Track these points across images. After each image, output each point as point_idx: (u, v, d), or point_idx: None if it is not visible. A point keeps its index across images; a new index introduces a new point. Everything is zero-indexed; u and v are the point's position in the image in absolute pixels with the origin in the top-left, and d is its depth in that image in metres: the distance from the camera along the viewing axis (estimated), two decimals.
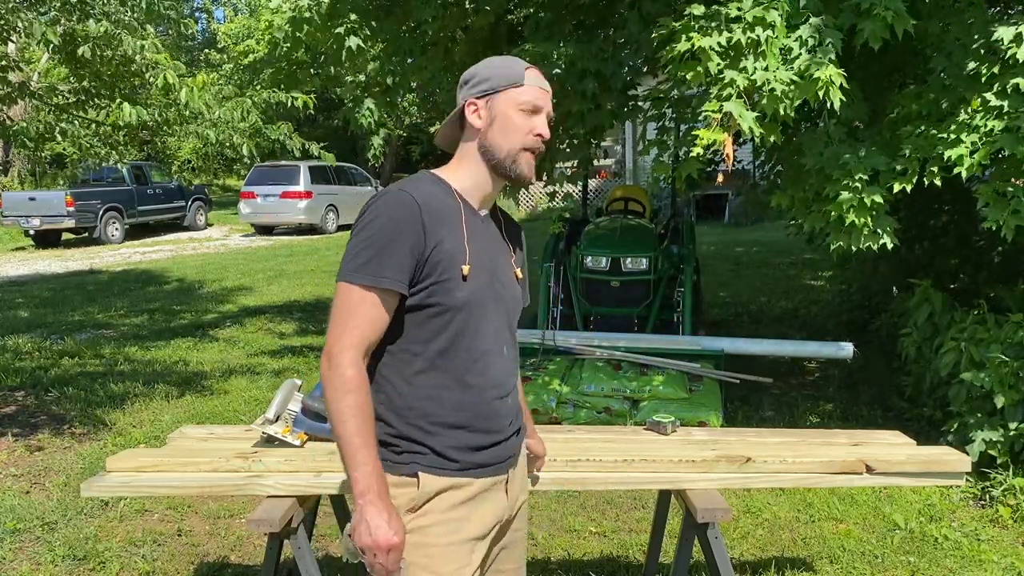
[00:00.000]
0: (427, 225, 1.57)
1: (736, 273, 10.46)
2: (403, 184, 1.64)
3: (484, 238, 1.68)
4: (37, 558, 3.37)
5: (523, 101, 1.63)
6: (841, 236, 3.62)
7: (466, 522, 1.64)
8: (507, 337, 1.72)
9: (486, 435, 1.66)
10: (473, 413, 1.64)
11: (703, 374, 4.91)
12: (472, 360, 1.63)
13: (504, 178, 1.68)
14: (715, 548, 2.37)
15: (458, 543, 1.62)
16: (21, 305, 9.31)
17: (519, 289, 1.78)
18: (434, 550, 1.61)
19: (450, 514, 1.62)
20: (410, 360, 1.62)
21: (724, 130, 3.29)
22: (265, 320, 8.39)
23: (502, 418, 1.69)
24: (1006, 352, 3.81)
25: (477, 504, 1.66)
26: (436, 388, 1.62)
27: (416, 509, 1.61)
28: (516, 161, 1.64)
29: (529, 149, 1.64)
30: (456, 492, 1.63)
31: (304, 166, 17.48)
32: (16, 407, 5.38)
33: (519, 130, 1.63)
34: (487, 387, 1.65)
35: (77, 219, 15.81)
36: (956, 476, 2.52)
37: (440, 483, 1.62)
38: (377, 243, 1.55)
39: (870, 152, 3.59)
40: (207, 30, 30.38)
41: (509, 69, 1.66)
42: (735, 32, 3.27)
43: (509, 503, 1.74)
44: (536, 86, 1.65)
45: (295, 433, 2.50)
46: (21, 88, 5.24)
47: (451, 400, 1.62)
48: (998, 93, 3.32)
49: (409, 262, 1.56)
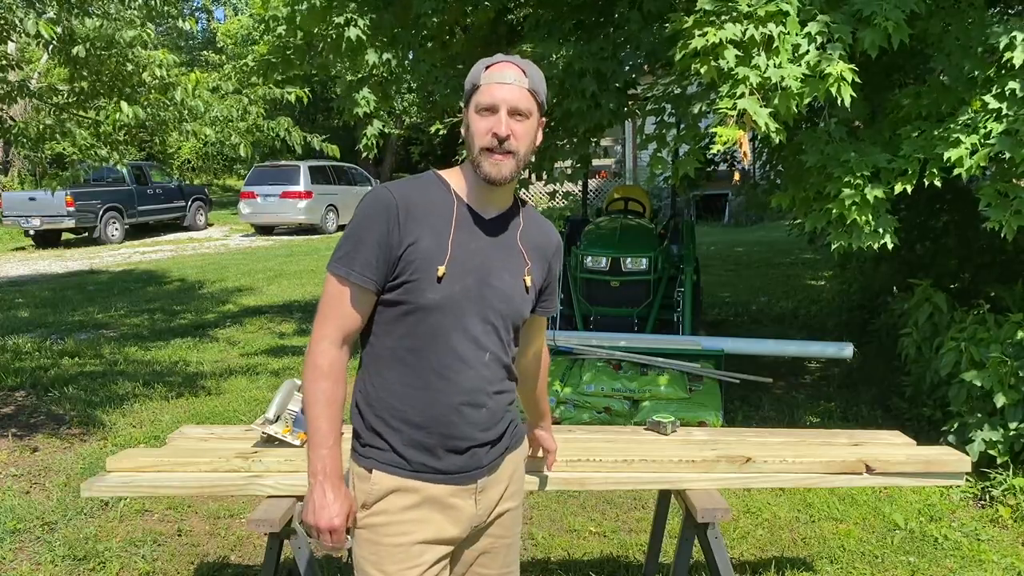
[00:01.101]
0: (402, 222, 1.59)
1: (736, 273, 10.46)
2: (394, 182, 1.68)
3: (482, 240, 1.66)
4: (37, 558, 3.36)
5: (479, 103, 1.61)
6: (842, 235, 3.62)
7: (420, 524, 1.64)
8: (494, 344, 1.67)
9: (445, 439, 1.64)
10: (434, 416, 1.63)
11: (703, 374, 4.91)
12: (442, 363, 1.62)
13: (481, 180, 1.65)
14: (715, 548, 2.37)
15: (407, 544, 1.63)
16: (21, 305, 9.31)
17: (522, 297, 1.72)
18: (382, 549, 1.63)
19: (403, 516, 1.64)
20: (384, 354, 1.66)
21: (740, 128, 3.27)
22: (265, 320, 8.39)
23: (469, 426, 1.65)
24: (1006, 352, 3.81)
25: (438, 508, 1.65)
26: (403, 385, 1.64)
27: (368, 506, 1.65)
28: (479, 164, 1.62)
29: (488, 149, 1.60)
30: (408, 495, 1.64)
31: (304, 166, 17.48)
32: (16, 407, 5.38)
33: (478, 132, 1.61)
34: (453, 392, 1.63)
35: (77, 219, 15.82)
36: (956, 476, 2.52)
37: (391, 482, 1.64)
38: (354, 237, 1.62)
39: (871, 150, 3.58)
40: (207, 30, 30.38)
41: (473, 72, 1.65)
42: (748, 28, 3.26)
43: (479, 512, 1.71)
44: (493, 83, 1.60)
45: (295, 433, 2.50)
46: (21, 88, 5.24)
47: (415, 399, 1.63)
48: (997, 96, 3.32)
49: (379, 257, 1.59)
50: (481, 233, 1.67)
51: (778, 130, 3.30)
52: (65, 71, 5.68)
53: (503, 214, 1.72)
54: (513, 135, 1.60)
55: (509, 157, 1.61)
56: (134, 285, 10.82)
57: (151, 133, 5.53)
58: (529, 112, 1.63)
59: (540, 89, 1.65)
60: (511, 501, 1.79)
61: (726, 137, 3.25)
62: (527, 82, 1.62)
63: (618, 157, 19.73)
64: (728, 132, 3.25)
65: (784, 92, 3.23)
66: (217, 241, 17.12)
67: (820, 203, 3.71)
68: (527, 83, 1.62)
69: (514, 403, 1.81)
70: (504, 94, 1.60)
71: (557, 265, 1.84)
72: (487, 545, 1.77)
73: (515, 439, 1.80)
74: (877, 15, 3.24)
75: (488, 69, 1.62)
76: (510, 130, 1.60)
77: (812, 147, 3.69)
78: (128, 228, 17.16)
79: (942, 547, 3.39)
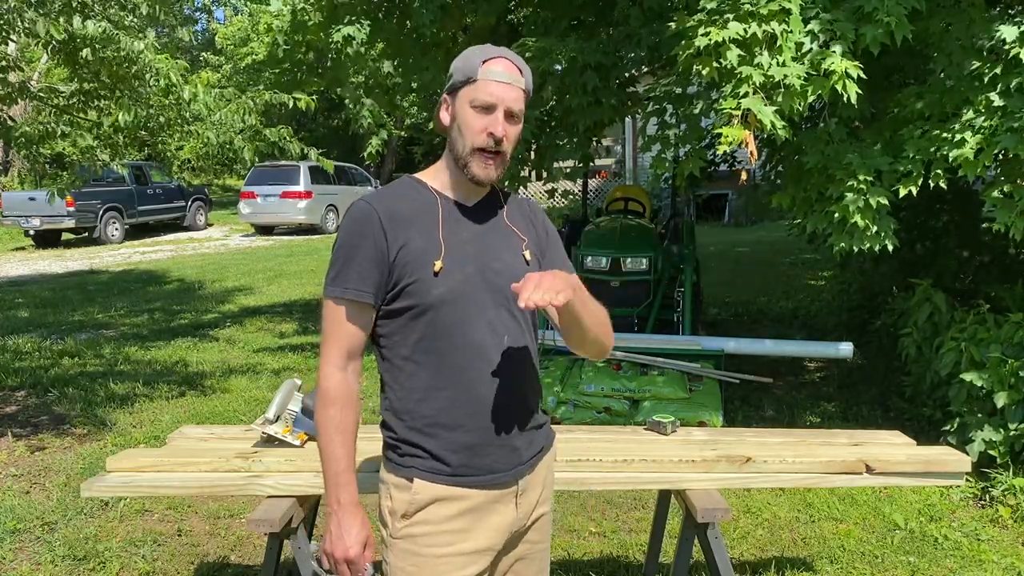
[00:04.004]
0: (388, 229, 1.57)
1: (736, 273, 10.46)
2: (370, 193, 1.65)
3: (472, 229, 1.64)
4: (37, 558, 3.36)
5: (475, 99, 1.56)
6: (843, 237, 3.61)
7: (465, 534, 1.60)
8: (511, 326, 1.63)
9: (484, 433, 1.59)
10: (468, 410, 1.58)
11: (703, 374, 4.90)
12: (462, 357, 1.58)
13: (467, 178, 1.62)
14: (715, 548, 2.37)
15: (450, 555, 1.59)
16: (21, 305, 9.31)
17: (526, 272, 1.61)
18: (423, 560, 1.58)
19: (445, 526, 1.59)
20: (401, 364, 1.62)
21: (745, 127, 3.26)
22: (265, 320, 8.39)
23: (505, 413, 1.61)
24: (1006, 352, 3.81)
25: (480, 516, 1.61)
26: (427, 389, 1.59)
27: (409, 516, 1.60)
28: (468, 164, 1.59)
29: (481, 149, 1.57)
30: (450, 504, 1.59)
31: (304, 166, 17.49)
32: (16, 407, 5.38)
33: (470, 129, 1.57)
34: (478, 383, 1.59)
35: (77, 219, 15.84)
36: (956, 476, 2.52)
37: (434, 491, 1.59)
38: (341, 256, 1.60)
39: (873, 152, 3.58)
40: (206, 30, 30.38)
41: (467, 62, 1.59)
42: (751, 26, 3.25)
43: (520, 516, 1.67)
44: (492, 80, 1.56)
45: (295, 433, 2.50)
46: (21, 88, 5.24)
47: (444, 399, 1.58)
48: (1001, 93, 3.32)
49: (372, 270, 1.57)
50: (469, 222, 1.65)
51: (784, 127, 3.28)
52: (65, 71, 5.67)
53: (485, 199, 1.70)
54: (506, 137, 1.58)
55: (498, 159, 1.59)
56: (134, 285, 10.82)
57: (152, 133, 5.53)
58: (521, 114, 1.61)
59: (530, 88, 1.64)
60: (545, 505, 1.76)
61: (732, 137, 3.23)
62: (523, 82, 1.60)
63: (618, 157, 19.74)
64: (733, 132, 3.24)
65: (788, 90, 3.22)
66: (217, 241, 17.13)
67: (821, 204, 3.71)
68: (523, 83, 1.60)
69: (541, 390, 1.76)
70: (503, 93, 1.57)
71: (550, 228, 1.79)
72: (524, 551, 1.73)
73: (548, 440, 1.77)
74: (879, 11, 3.23)
75: (485, 64, 1.57)
76: (505, 131, 1.57)
77: (812, 148, 3.69)
78: (128, 228, 17.18)
79: (942, 547, 3.39)
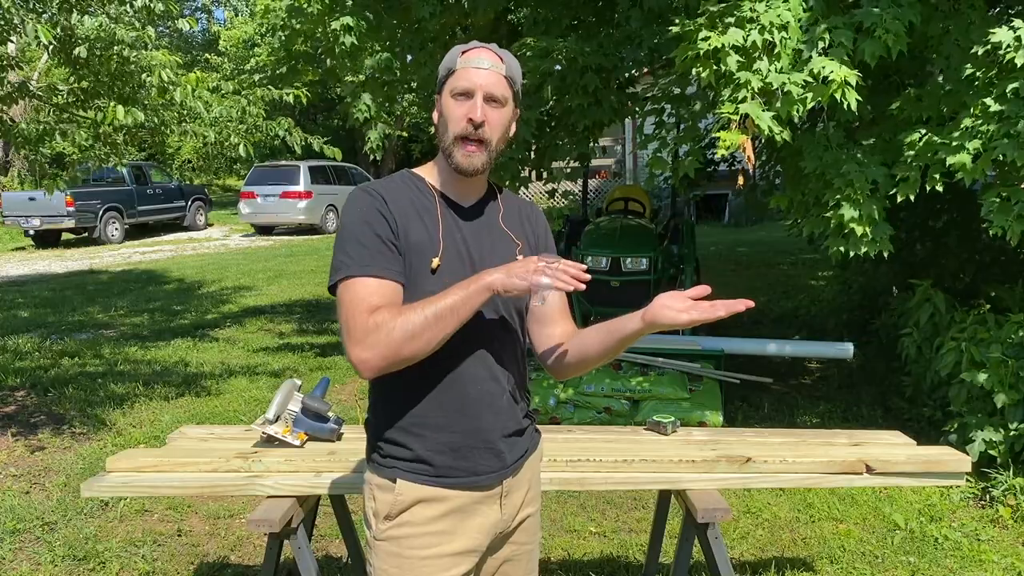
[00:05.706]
0: (393, 211, 1.55)
1: (736, 273, 10.46)
2: (368, 183, 1.63)
3: (468, 229, 1.63)
4: (37, 558, 3.37)
5: (454, 87, 1.56)
6: (840, 241, 3.63)
7: (448, 535, 1.58)
8: (500, 331, 1.62)
9: (469, 435, 1.58)
10: (454, 411, 1.57)
11: (703, 374, 4.91)
12: (450, 356, 1.56)
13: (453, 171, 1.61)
14: (715, 548, 2.37)
15: (435, 557, 1.57)
16: (21, 305, 9.31)
17: None
18: (406, 562, 1.57)
19: (428, 527, 1.57)
20: None
21: (742, 132, 3.27)
22: (265, 320, 8.39)
23: (490, 416, 1.60)
24: (1006, 352, 3.81)
25: (464, 517, 1.60)
26: (415, 390, 1.58)
27: (392, 517, 1.59)
28: (452, 154, 1.57)
29: (463, 137, 1.55)
30: (433, 505, 1.58)
31: (304, 166, 17.50)
32: (16, 407, 5.38)
33: (452, 117, 1.56)
34: (467, 383, 1.58)
35: (77, 219, 15.83)
36: (956, 476, 2.52)
37: (417, 492, 1.57)
38: (351, 239, 1.53)
39: (871, 159, 3.58)
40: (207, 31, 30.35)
41: (449, 57, 1.59)
42: (751, 32, 3.26)
43: (504, 517, 1.66)
44: (470, 67, 1.55)
45: (295, 433, 2.51)
46: (21, 88, 5.24)
47: (431, 399, 1.57)
48: (998, 98, 3.32)
49: (387, 248, 1.53)
50: (464, 222, 1.64)
51: (781, 132, 3.30)
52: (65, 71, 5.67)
53: (481, 200, 1.68)
54: (488, 122, 1.55)
55: (481, 148, 1.56)
56: (134, 285, 10.82)
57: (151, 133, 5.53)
58: (504, 99, 1.58)
59: (516, 77, 1.61)
60: (531, 506, 1.75)
61: (730, 141, 3.25)
62: (504, 68, 1.58)
63: (618, 157, 19.74)
64: (731, 136, 3.25)
65: (786, 97, 3.23)
66: (217, 241, 17.13)
67: (818, 210, 3.72)
68: (503, 69, 1.58)
69: (529, 394, 1.75)
70: (480, 79, 1.55)
71: (547, 234, 1.77)
72: (510, 552, 1.73)
73: (533, 442, 1.75)
74: (878, 27, 3.24)
75: (464, 54, 1.57)
76: (485, 116, 1.56)
77: (811, 152, 3.70)
78: (128, 228, 17.17)
79: (942, 547, 3.39)
